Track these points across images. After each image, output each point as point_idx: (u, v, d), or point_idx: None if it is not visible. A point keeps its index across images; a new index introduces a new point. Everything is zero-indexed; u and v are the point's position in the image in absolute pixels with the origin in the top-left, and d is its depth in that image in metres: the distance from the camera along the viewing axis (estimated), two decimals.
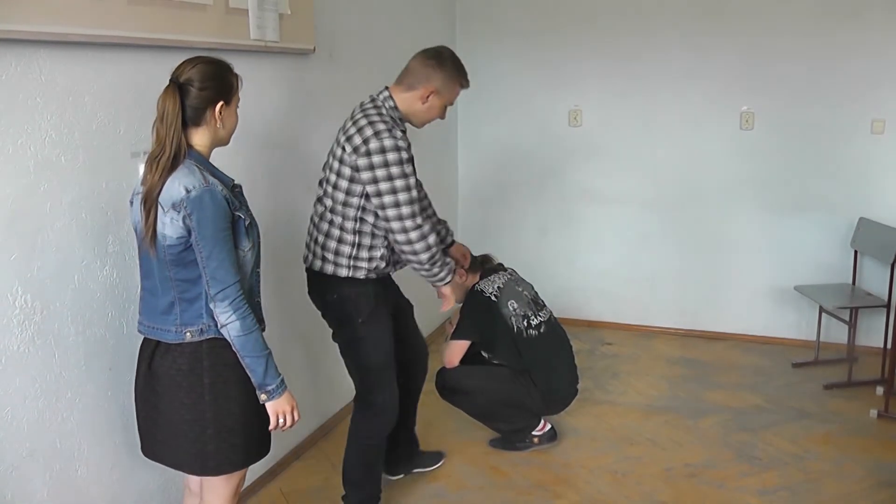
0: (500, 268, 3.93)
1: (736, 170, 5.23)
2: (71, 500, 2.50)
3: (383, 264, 2.98)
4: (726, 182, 5.27)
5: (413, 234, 2.85)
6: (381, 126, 2.82)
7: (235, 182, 2.33)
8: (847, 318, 4.75)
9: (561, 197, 5.59)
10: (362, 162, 2.79)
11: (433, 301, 3.28)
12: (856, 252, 4.95)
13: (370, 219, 2.90)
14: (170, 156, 2.14)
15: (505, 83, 5.61)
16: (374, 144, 2.79)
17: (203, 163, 2.22)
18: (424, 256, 2.90)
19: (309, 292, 3.10)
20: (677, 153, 5.34)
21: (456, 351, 3.76)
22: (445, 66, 2.98)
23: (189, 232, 2.11)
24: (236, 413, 2.26)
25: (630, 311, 5.67)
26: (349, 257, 2.93)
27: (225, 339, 2.18)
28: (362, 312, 2.98)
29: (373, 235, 2.93)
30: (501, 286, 3.75)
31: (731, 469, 3.68)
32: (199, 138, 2.24)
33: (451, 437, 3.91)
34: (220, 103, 2.24)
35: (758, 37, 5.02)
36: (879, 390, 4.38)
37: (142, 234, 2.17)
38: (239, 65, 2.60)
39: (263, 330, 2.30)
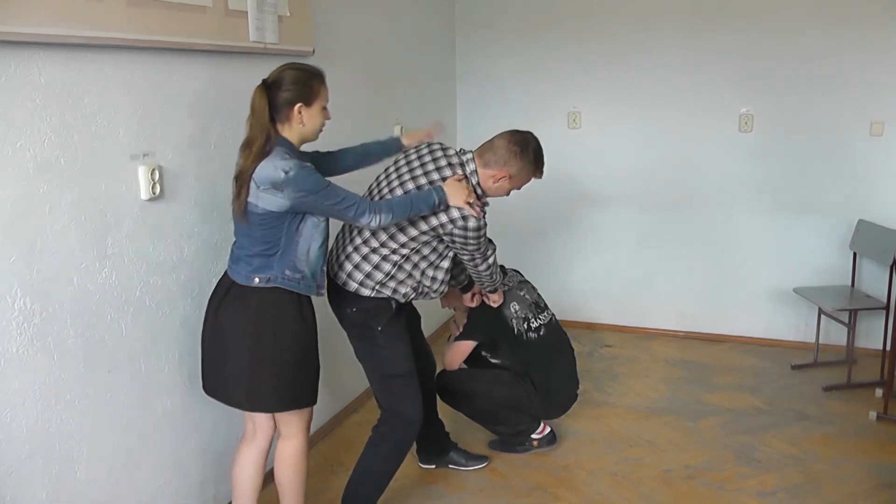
0: (504, 270, 3.91)
1: (735, 172, 5.23)
2: (70, 502, 2.49)
3: (403, 298, 3.02)
4: (725, 184, 5.27)
5: (487, 268, 3.22)
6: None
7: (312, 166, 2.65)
8: (846, 320, 4.75)
9: (560, 198, 5.59)
10: (456, 232, 2.90)
11: (431, 303, 3.28)
12: (855, 254, 4.95)
13: (416, 258, 2.97)
14: (261, 144, 2.49)
15: (504, 85, 5.61)
16: (461, 224, 2.88)
17: (292, 149, 2.59)
18: (495, 278, 3.36)
19: (329, 300, 3.09)
20: (676, 155, 5.34)
21: (459, 353, 3.76)
22: (527, 156, 3.03)
23: (294, 204, 2.50)
24: (290, 359, 2.64)
25: (629, 313, 5.67)
26: (378, 282, 2.94)
27: (288, 291, 2.60)
28: (381, 321, 3.00)
29: (409, 275, 2.98)
30: (508, 290, 3.74)
31: (730, 471, 3.68)
32: (287, 132, 2.59)
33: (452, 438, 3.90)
34: (300, 104, 2.56)
35: (757, 39, 5.02)
36: (879, 392, 4.39)
37: (233, 208, 2.58)
38: (238, 67, 2.62)
39: (323, 295, 2.78)
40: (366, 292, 2.94)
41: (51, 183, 2.33)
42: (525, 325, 3.71)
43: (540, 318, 3.77)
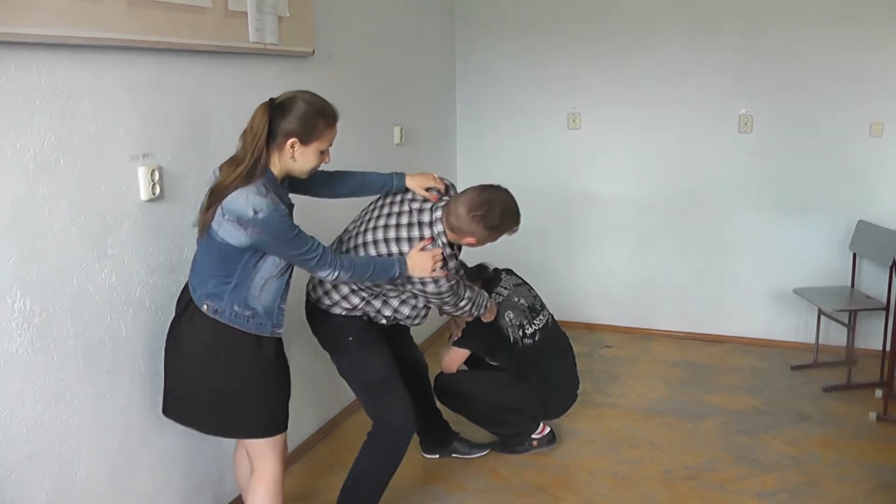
0: (497, 276, 3.89)
1: (734, 172, 5.23)
2: (70, 502, 2.49)
3: (379, 320, 3.09)
4: (725, 184, 5.27)
5: (459, 308, 3.20)
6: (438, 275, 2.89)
7: (292, 203, 2.57)
8: (846, 321, 4.75)
9: (560, 199, 5.60)
10: (418, 292, 2.95)
11: None
12: (855, 255, 4.95)
13: (384, 297, 3.02)
14: (248, 165, 2.35)
15: (504, 86, 5.61)
16: (430, 289, 2.92)
17: (272, 183, 2.43)
18: (477, 309, 3.30)
19: (307, 319, 3.16)
20: (676, 156, 5.34)
21: (456, 358, 3.76)
22: (489, 221, 2.92)
23: (255, 243, 2.36)
24: (247, 388, 2.50)
25: (629, 314, 5.68)
26: (352, 306, 3.01)
27: (239, 330, 2.44)
28: (352, 331, 3.05)
29: (378, 310, 3.04)
30: (502, 300, 3.73)
31: (730, 471, 3.68)
32: (274, 160, 2.45)
33: None
34: (295, 140, 2.42)
35: (756, 40, 5.02)
36: (878, 393, 4.39)
37: (198, 218, 2.46)
38: (238, 68, 2.62)
39: (279, 336, 2.57)
40: (337, 311, 3.02)
41: (51, 183, 2.33)
42: (520, 333, 3.70)
43: (535, 323, 3.75)
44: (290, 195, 2.62)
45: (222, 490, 3.22)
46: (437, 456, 3.78)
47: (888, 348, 4.35)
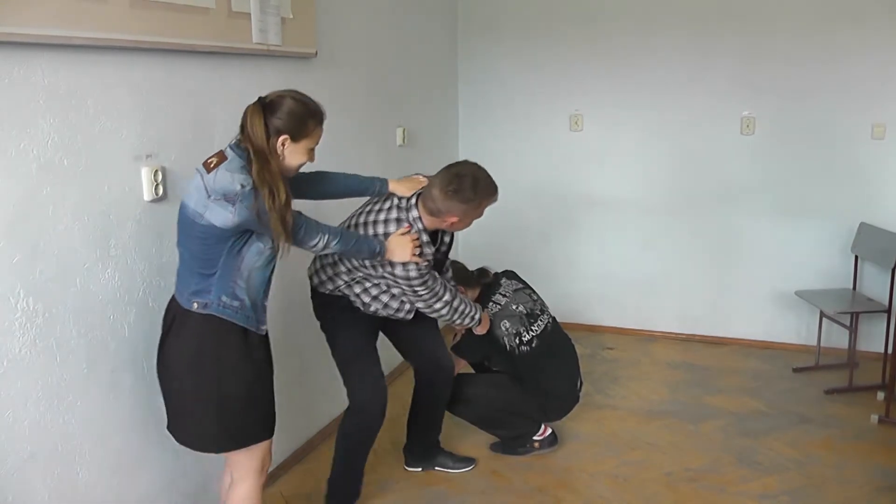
0: (497, 281, 3.88)
1: (737, 174, 5.24)
2: (72, 502, 2.49)
3: (363, 307, 3.18)
4: (727, 187, 5.27)
5: (445, 309, 3.20)
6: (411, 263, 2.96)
7: None
8: (848, 324, 4.75)
9: (561, 201, 5.60)
10: (400, 280, 3.00)
11: None
12: (856, 257, 4.95)
13: (367, 284, 3.12)
14: (257, 168, 2.34)
15: (506, 87, 5.62)
16: (398, 271, 2.97)
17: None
18: (463, 318, 3.30)
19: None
20: (678, 158, 5.34)
21: (456, 362, 3.76)
22: (463, 194, 2.95)
23: (242, 221, 2.31)
24: (234, 394, 2.45)
25: (631, 316, 5.68)
26: (335, 287, 3.15)
27: (229, 321, 2.41)
28: (333, 310, 3.18)
29: (358, 295, 3.15)
30: (498, 310, 3.71)
31: (731, 474, 3.68)
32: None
33: (451, 442, 3.89)
34: (286, 137, 2.42)
35: (759, 42, 5.03)
36: (880, 395, 4.39)
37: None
38: (241, 68, 2.63)
39: (264, 332, 2.53)
40: (322, 290, 3.17)
41: (54, 184, 2.34)
42: (517, 341, 3.68)
43: (532, 330, 3.73)
44: None
45: (224, 490, 3.22)
46: (420, 469, 3.72)
47: (890, 351, 4.35)
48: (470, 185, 2.95)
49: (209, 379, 2.43)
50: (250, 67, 3.21)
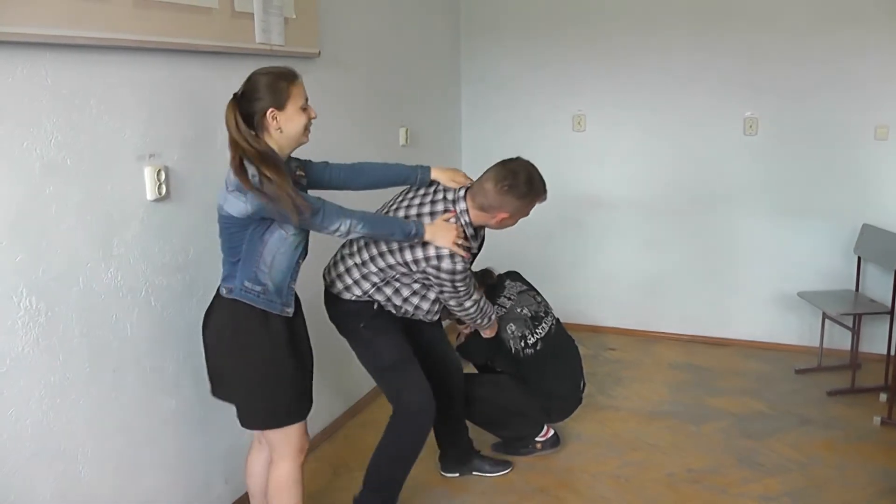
0: (501, 282, 3.88)
1: (740, 175, 5.23)
2: (75, 501, 2.50)
3: (393, 310, 3.06)
4: (730, 187, 5.27)
5: (474, 307, 3.15)
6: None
7: (303, 184, 2.69)
8: (850, 325, 4.74)
9: (564, 202, 5.58)
10: (430, 270, 2.86)
11: None
12: (859, 258, 4.94)
13: (396, 284, 3.00)
14: (234, 157, 2.38)
15: (509, 88, 5.62)
16: (445, 264, 2.83)
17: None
18: (485, 319, 3.30)
19: (324, 304, 3.16)
20: (681, 158, 5.34)
21: None
22: (518, 190, 2.89)
23: (257, 209, 2.36)
24: (256, 377, 2.52)
25: (633, 317, 5.68)
26: (363, 292, 3.00)
27: (255, 307, 2.48)
28: (363, 318, 3.03)
29: (388, 298, 3.02)
30: (504, 313, 3.71)
31: (733, 475, 3.68)
32: (269, 140, 2.46)
33: None
34: (272, 110, 2.43)
35: (762, 42, 5.02)
36: (883, 397, 4.38)
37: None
38: (244, 68, 2.62)
39: (288, 315, 2.56)
40: (348, 296, 3.02)
41: (57, 183, 2.34)
42: (522, 344, 3.68)
43: (537, 332, 3.73)
44: (313, 191, 2.67)
45: (227, 489, 3.23)
46: (458, 475, 3.69)
47: (893, 352, 4.35)
48: (525, 181, 2.89)
49: (235, 360, 2.53)
50: (253, 67, 3.17)
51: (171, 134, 2.78)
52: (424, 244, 2.81)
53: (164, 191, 2.73)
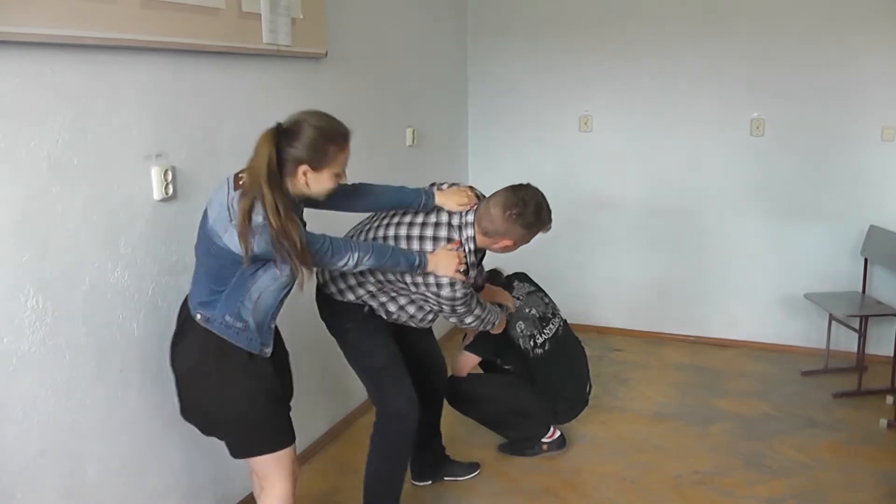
0: (510, 284, 3.88)
1: (746, 177, 5.22)
2: (80, 500, 2.51)
3: (386, 316, 3.05)
4: (736, 189, 5.26)
5: (474, 321, 3.11)
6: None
7: (304, 222, 2.47)
8: (857, 327, 4.73)
9: (571, 203, 5.57)
10: (430, 295, 2.87)
11: None
12: (866, 260, 4.93)
13: (392, 293, 2.97)
14: (247, 196, 2.22)
15: (516, 88, 5.61)
16: (445, 292, 2.83)
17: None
18: (486, 325, 3.23)
19: (316, 302, 3.14)
20: (688, 159, 5.33)
21: (468, 362, 3.76)
22: (525, 219, 2.86)
23: (262, 252, 2.23)
24: (236, 411, 2.42)
25: (639, 318, 5.67)
26: (357, 297, 2.99)
27: (229, 342, 2.35)
28: (352, 319, 3.03)
29: (382, 304, 3.01)
30: (509, 315, 3.71)
31: (739, 477, 3.67)
32: (290, 186, 2.33)
33: (459, 443, 3.89)
34: (306, 167, 2.30)
35: (768, 43, 5.01)
36: (889, 399, 4.36)
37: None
38: (251, 69, 2.63)
39: (267, 355, 2.45)
40: (339, 298, 3.01)
41: (64, 183, 2.35)
42: (531, 343, 3.68)
43: (545, 332, 3.73)
44: (308, 209, 2.56)
45: (231, 489, 3.23)
46: (430, 482, 3.62)
47: None
48: (534, 211, 2.87)
49: (211, 393, 2.42)
50: (260, 68, 3.22)
51: (178, 134, 2.79)
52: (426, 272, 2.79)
53: (170, 191, 2.74)
